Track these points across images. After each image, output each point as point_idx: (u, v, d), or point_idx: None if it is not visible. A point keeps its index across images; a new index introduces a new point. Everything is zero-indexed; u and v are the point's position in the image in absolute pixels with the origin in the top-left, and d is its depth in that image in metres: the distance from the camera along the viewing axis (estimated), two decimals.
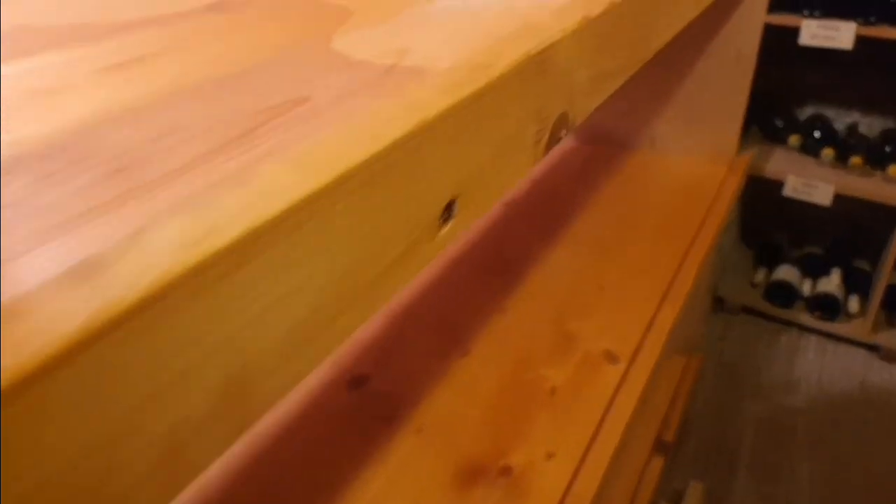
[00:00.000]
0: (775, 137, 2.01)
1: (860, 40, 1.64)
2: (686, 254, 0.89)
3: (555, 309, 0.81)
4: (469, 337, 0.77)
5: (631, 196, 1.01)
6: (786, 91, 2.08)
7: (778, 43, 1.74)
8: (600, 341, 0.77)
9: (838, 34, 1.66)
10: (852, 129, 1.94)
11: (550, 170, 1.12)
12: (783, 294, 2.02)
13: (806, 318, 2.01)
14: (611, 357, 0.75)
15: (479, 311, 0.81)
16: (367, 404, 0.68)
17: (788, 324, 2.04)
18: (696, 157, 1.08)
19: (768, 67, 1.90)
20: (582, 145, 1.19)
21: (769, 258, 2.12)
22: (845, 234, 2.10)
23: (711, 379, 1.83)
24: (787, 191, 1.88)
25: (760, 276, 2.10)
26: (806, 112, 2.06)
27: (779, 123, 2.01)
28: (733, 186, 1.03)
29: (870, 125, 1.98)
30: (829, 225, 2.14)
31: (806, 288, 2.02)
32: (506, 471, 0.61)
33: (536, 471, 0.60)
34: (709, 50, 1.00)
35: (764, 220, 2.25)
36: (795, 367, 1.89)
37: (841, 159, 1.87)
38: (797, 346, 1.96)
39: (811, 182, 1.83)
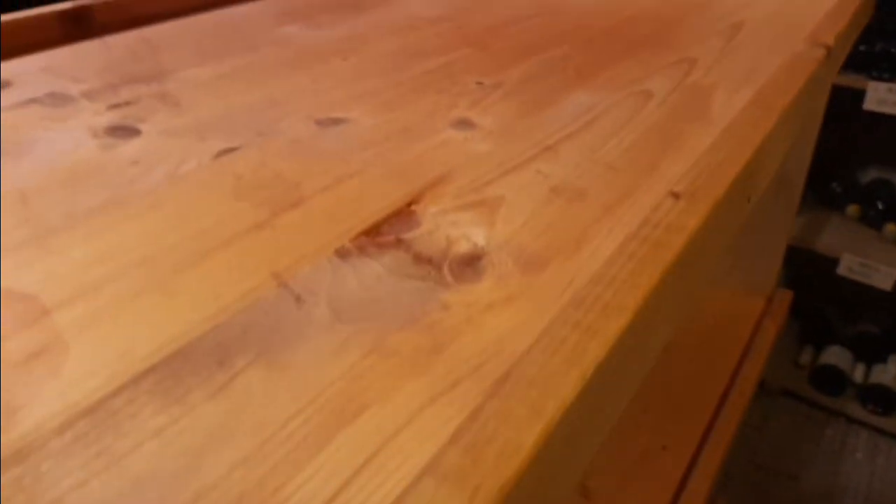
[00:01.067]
0: (832, 204, 1.78)
1: None
2: (703, 440, 0.70)
3: None
4: None
5: None
6: (845, 151, 1.83)
7: (838, 100, 1.52)
8: None
9: None
10: None
11: None
12: (831, 380, 1.79)
13: (856, 410, 1.77)
14: None
15: None
16: None
17: (836, 413, 1.81)
18: (729, 289, 0.88)
19: (826, 125, 1.67)
20: None
21: (817, 335, 1.89)
22: None
23: (743, 484, 1.62)
24: (842, 270, 1.65)
25: (807, 356, 1.87)
26: (868, 175, 1.82)
27: (836, 188, 1.78)
28: (771, 333, 0.83)
29: None
30: (889, 301, 1.89)
31: (858, 375, 1.79)
32: None
33: None
34: None
35: (813, 291, 2.01)
36: (841, 472, 1.66)
37: None
38: (844, 444, 1.73)
39: (870, 263, 1.60)
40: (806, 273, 1.93)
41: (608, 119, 0.43)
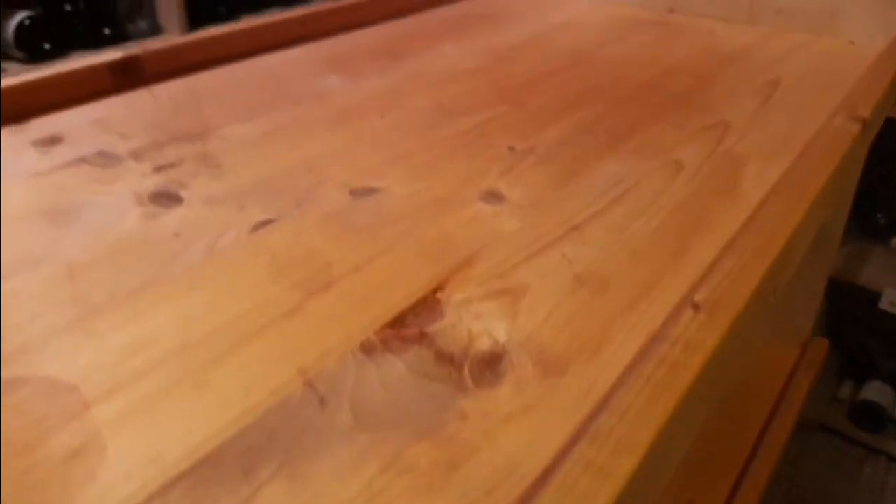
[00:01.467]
0: (876, 235, 1.74)
1: None
2: (731, 495, 0.69)
3: None
4: None
5: None
6: (891, 182, 1.79)
7: (884, 131, 1.48)
8: None
9: None
10: None
11: None
12: (872, 416, 1.75)
13: None
14: None
15: None
16: None
17: (876, 451, 1.77)
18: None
19: (871, 156, 1.64)
20: None
21: (858, 370, 1.85)
22: None
23: None
24: (884, 304, 1.62)
25: (846, 390, 1.83)
26: None
27: (881, 219, 1.74)
28: (804, 385, 0.81)
29: None
30: None
31: None
32: None
33: None
34: None
35: (854, 324, 1.97)
36: None
37: None
38: (885, 483, 1.69)
39: None
40: (847, 306, 1.89)
41: (637, 194, 0.44)
